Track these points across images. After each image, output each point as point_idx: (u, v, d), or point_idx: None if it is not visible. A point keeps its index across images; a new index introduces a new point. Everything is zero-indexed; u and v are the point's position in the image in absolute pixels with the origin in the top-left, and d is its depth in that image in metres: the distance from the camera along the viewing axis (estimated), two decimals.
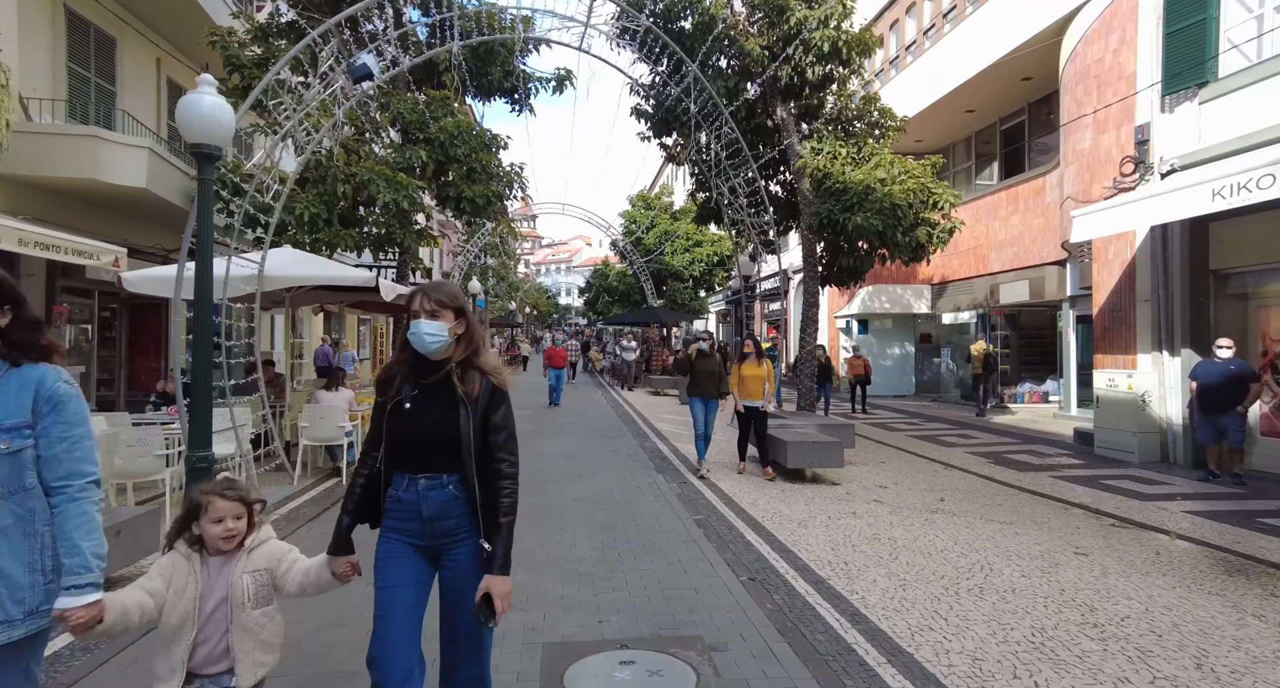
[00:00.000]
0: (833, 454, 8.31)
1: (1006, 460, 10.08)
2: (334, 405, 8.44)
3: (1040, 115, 15.83)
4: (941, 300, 19.80)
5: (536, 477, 8.59)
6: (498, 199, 11.75)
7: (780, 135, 12.99)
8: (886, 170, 10.92)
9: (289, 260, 8.71)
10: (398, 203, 10.33)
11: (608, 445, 11.18)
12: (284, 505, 7.10)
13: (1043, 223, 15.04)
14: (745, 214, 12.84)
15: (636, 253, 28.03)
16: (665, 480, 8.36)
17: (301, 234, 10.54)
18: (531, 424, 14.07)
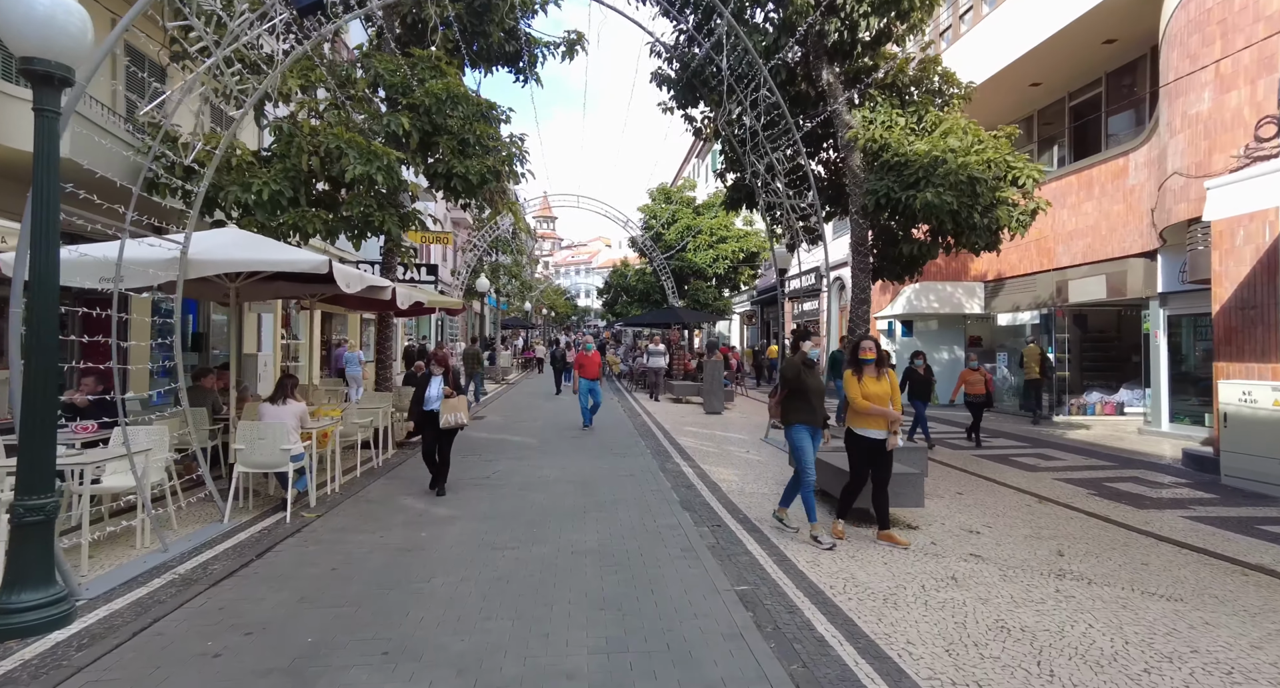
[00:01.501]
0: (910, 490, 6.47)
1: (1112, 491, 8.15)
2: (278, 422, 6.75)
3: (1120, 85, 13.83)
4: (997, 300, 17.79)
5: (529, 511, 6.83)
6: (494, 177, 10.04)
7: (824, 104, 11.15)
8: (959, 138, 9.05)
9: (228, 242, 7.05)
10: (372, 177, 8.65)
11: (622, 467, 9.40)
12: (192, 558, 5.39)
13: (1124, 209, 13.05)
14: (784, 196, 11.00)
15: (657, 249, 26.25)
16: (693, 521, 6.56)
17: (262, 215, 8.92)
18: (533, 435, 12.33)
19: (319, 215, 9.18)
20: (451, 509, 7.05)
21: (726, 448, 11.21)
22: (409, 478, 8.68)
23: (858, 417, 5.95)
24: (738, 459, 10.14)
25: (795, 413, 6.12)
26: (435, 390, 7.74)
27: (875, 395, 5.88)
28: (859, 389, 5.92)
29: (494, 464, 9.61)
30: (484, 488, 8.05)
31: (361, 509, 7.08)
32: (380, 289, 8.54)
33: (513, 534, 6.10)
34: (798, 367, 6.07)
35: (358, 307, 11.43)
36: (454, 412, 7.61)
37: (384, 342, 11.70)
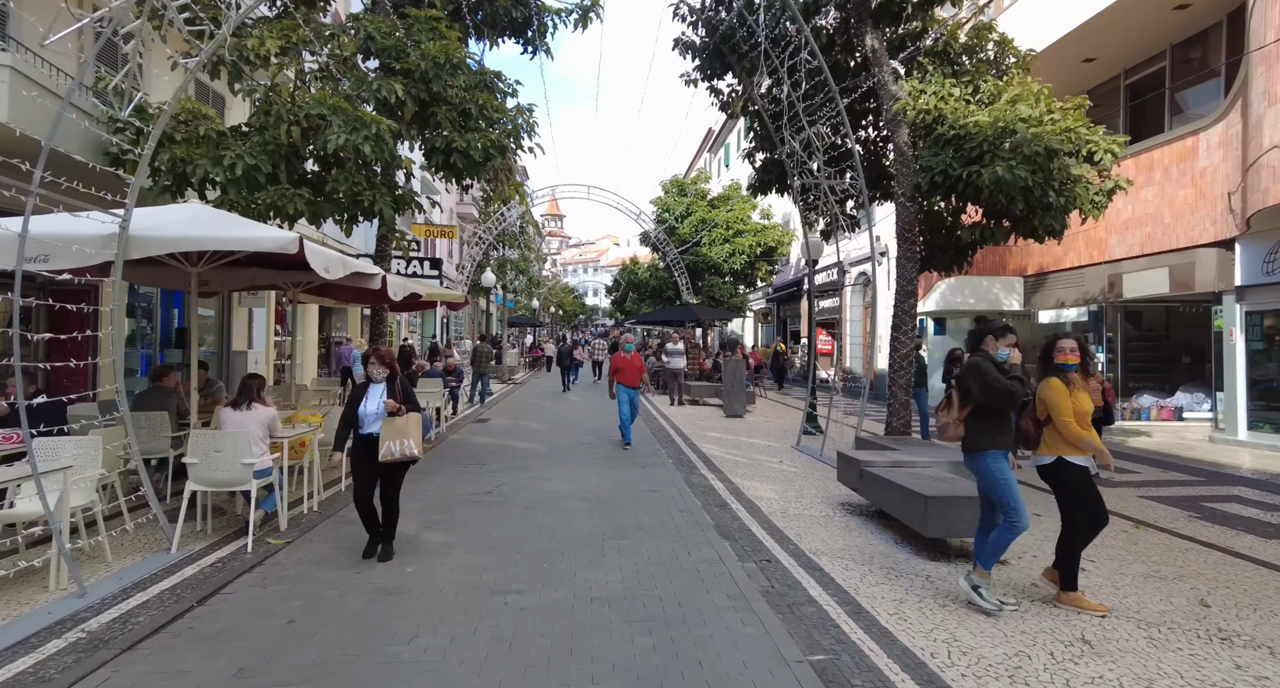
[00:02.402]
0: None
1: (1218, 514, 6.99)
2: (239, 431, 5.66)
3: (1187, 59, 12.61)
4: (1038, 295, 16.57)
5: (537, 539, 5.71)
6: (499, 152, 8.93)
7: (866, 75, 10.01)
8: (1032, 106, 7.89)
9: (184, 218, 5.98)
10: (358, 148, 7.56)
11: (642, 481, 8.29)
12: (115, 605, 4.29)
13: (1192, 194, 11.85)
14: (822, 176, 9.86)
15: (670, 243, 25.10)
16: (735, 555, 5.43)
17: (235, 193, 7.86)
18: (540, 441, 11.23)
19: (301, 194, 8.10)
20: (445, 535, 5.95)
21: (755, 457, 10.08)
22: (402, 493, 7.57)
23: (1066, 444, 4.35)
24: (771, 471, 9.01)
25: (991, 435, 4.37)
26: (374, 405, 5.29)
27: (1084, 414, 4.39)
28: (1069, 404, 4.33)
29: (497, 476, 8.51)
30: (484, 507, 6.95)
31: (340, 534, 5.99)
32: (367, 277, 7.45)
33: (517, 571, 4.99)
34: (996, 374, 4.32)
35: (349, 299, 10.36)
36: (400, 438, 5.16)
37: (377, 338, 10.61)
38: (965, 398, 4.46)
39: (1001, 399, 4.28)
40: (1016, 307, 17.22)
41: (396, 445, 5.17)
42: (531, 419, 14.63)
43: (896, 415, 10.02)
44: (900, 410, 10.00)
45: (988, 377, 4.30)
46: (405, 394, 5.38)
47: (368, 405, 5.32)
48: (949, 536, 5.38)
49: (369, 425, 5.31)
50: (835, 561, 5.32)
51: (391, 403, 5.23)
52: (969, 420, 4.48)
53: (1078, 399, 4.36)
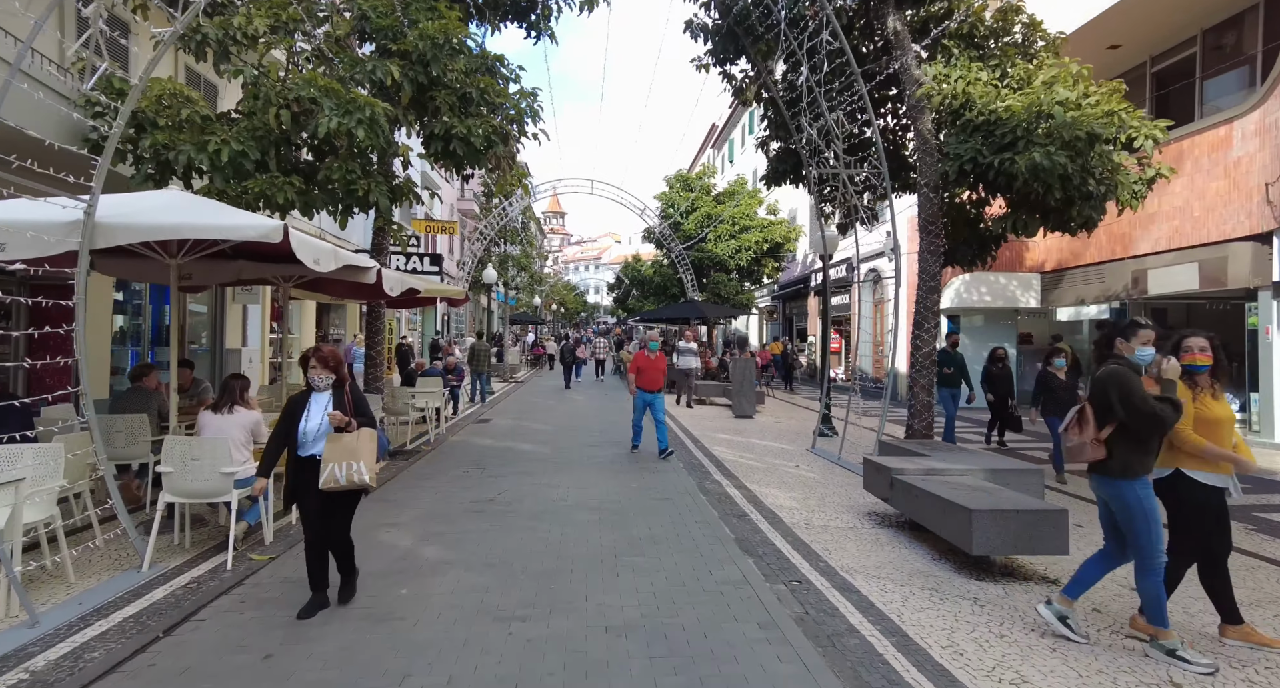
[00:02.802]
0: (1050, 532, 4.83)
1: (1274, 525, 6.50)
2: (218, 437, 5.18)
3: (1220, 44, 12.10)
4: (1056, 292, 16.08)
5: (544, 555, 5.22)
6: (501, 139, 8.44)
7: (887, 59, 9.51)
8: (1069, 88, 7.39)
9: (161, 205, 5.50)
10: (351, 133, 7.07)
11: (653, 486, 7.81)
12: (69, 636, 3.82)
13: (1225, 186, 11.35)
14: (841, 165, 9.35)
15: (676, 239, 24.59)
16: (761, 574, 4.95)
17: (221, 181, 7.38)
18: (545, 443, 10.75)
19: (292, 183, 7.61)
20: (443, 550, 5.47)
21: (770, 461, 9.60)
22: (398, 501, 7.12)
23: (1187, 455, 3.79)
24: (788, 477, 8.53)
25: (1137, 457, 3.67)
26: (316, 420, 4.22)
27: (1217, 422, 3.78)
28: (1191, 412, 3.75)
29: (499, 481, 8.04)
30: (486, 517, 6.47)
31: None
32: (361, 270, 6.98)
33: (522, 594, 4.51)
34: (1142, 391, 3.61)
35: (345, 294, 9.85)
36: (348, 460, 4.10)
37: (374, 335, 10.13)
38: (1103, 415, 3.76)
39: (1147, 424, 3.62)
40: (1033, 304, 16.74)
41: (342, 470, 4.08)
42: (534, 420, 14.15)
43: (918, 417, 9.52)
44: (922, 412, 9.50)
45: (1133, 396, 3.59)
46: (356, 405, 4.29)
47: (309, 420, 4.22)
48: (996, 553, 4.90)
49: (310, 445, 4.21)
50: (871, 580, 4.84)
51: (338, 416, 4.13)
52: (1115, 441, 3.73)
53: (1207, 406, 3.80)
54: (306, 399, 4.30)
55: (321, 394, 4.32)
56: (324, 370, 4.26)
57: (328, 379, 4.29)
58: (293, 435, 4.24)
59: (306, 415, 4.24)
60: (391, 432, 11.74)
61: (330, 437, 4.15)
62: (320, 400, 4.29)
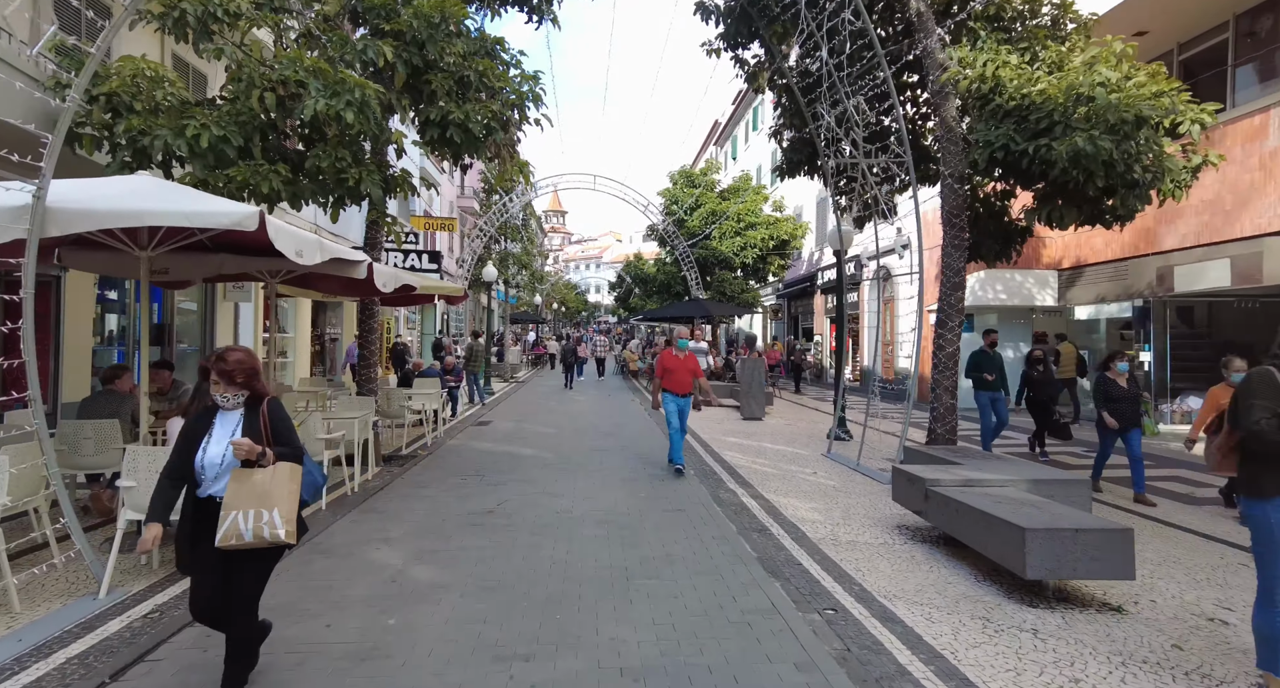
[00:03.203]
0: (1114, 553, 4.32)
1: None
2: None
3: (1254, 29, 11.57)
4: (1074, 290, 15.56)
5: (548, 577, 4.71)
6: (501, 126, 7.94)
7: (910, 42, 9.00)
8: (1113, 68, 6.88)
9: (125, 191, 4.98)
10: (340, 116, 6.57)
11: (664, 496, 7.31)
12: (20, 671, 3.32)
13: (1259, 177, 10.83)
14: (861, 154, 8.84)
15: (680, 236, 24.07)
16: (791, 600, 4.45)
17: (201, 169, 6.89)
18: (547, 447, 10.25)
19: (278, 171, 7.11)
20: (437, 570, 4.97)
21: (785, 467, 9.10)
22: (390, 513, 6.62)
23: None
24: (806, 485, 8.03)
25: (1268, 474, 3.19)
26: (218, 449, 3.11)
27: None
28: None
29: (499, 490, 7.54)
30: (485, 531, 5.96)
31: (313, 567, 5.02)
32: (350, 264, 6.48)
33: (525, 625, 4.00)
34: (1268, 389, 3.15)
35: (336, 291, 9.37)
36: (258, 506, 3.01)
37: (368, 334, 9.61)
38: (1235, 422, 3.28)
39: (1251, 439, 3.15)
40: (1050, 302, 16.22)
41: (248, 521, 2.95)
42: (536, 422, 13.65)
43: (941, 421, 9.03)
44: (945, 415, 9.02)
45: (1245, 404, 3.14)
46: (275, 431, 3.15)
47: (208, 449, 3.09)
48: (1052, 577, 4.39)
49: (209, 483, 3.10)
50: (914, 607, 4.33)
51: (245, 445, 2.98)
52: (1241, 453, 3.30)
53: None
54: (210, 420, 3.17)
55: (229, 414, 3.16)
56: (228, 386, 3.09)
57: (235, 397, 3.12)
58: (186, 470, 3.11)
59: (207, 443, 3.10)
60: (386, 435, 11.24)
61: (236, 474, 3.03)
62: (226, 423, 3.15)
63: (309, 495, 3.33)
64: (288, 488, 3.08)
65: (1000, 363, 9.64)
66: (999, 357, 9.71)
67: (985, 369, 9.41)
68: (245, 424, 3.14)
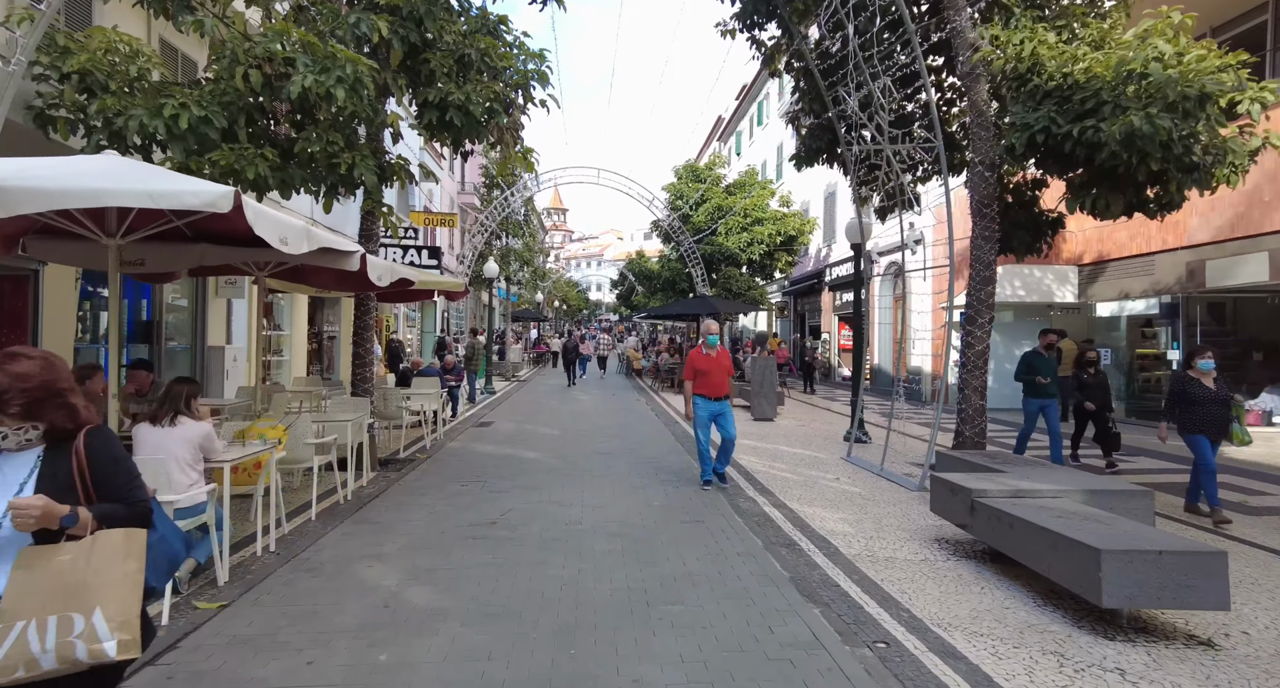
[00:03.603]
0: (1206, 580, 3.80)
1: None
2: (156, 458, 4.18)
3: None
4: (1096, 286, 15.05)
5: (557, 600, 4.18)
6: (503, 108, 7.43)
7: (936, 21, 8.48)
8: (1170, 42, 6.35)
9: (87, 170, 4.47)
10: (330, 94, 6.05)
11: (679, 506, 6.80)
12: None
13: None
14: (886, 140, 8.32)
15: (685, 231, 23.53)
16: (835, 631, 3.94)
17: (179, 152, 6.38)
18: (551, 450, 9.73)
19: (264, 155, 6.59)
20: (435, 593, 4.46)
21: (805, 472, 8.59)
22: (385, 524, 6.11)
23: None
24: (831, 492, 7.52)
25: None
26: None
27: None
28: None
29: (502, 498, 7.03)
30: (487, 546, 5.45)
31: (297, 588, 4.51)
32: (341, 255, 5.97)
33: (534, 662, 3.50)
34: None
35: (329, 285, 8.78)
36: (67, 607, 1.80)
37: (362, 331, 9.09)
38: None
39: None
40: (1070, 298, 15.72)
41: (47, 636, 1.78)
42: (539, 422, 13.15)
43: (969, 424, 8.50)
44: (974, 418, 8.48)
45: None
46: (97, 478, 2.00)
47: None
48: (1133, 606, 3.87)
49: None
50: (975, 640, 3.82)
51: (34, 508, 1.82)
52: None
53: None
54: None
55: (15, 458, 1.97)
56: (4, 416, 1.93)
57: (22, 433, 1.96)
58: None
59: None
60: (384, 437, 10.74)
61: (25, 556, 1.85)
62: (12, 472, 1.95)
63: (159, 578, 2.08)
64: (120, 570, 1.88)
65: (1055, 367, 8.86)
66: (1055, 360, 8.90)
67: (1040, 372, 8.65)
68: (43, 473, 1.95)
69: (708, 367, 7.57)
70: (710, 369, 7.56)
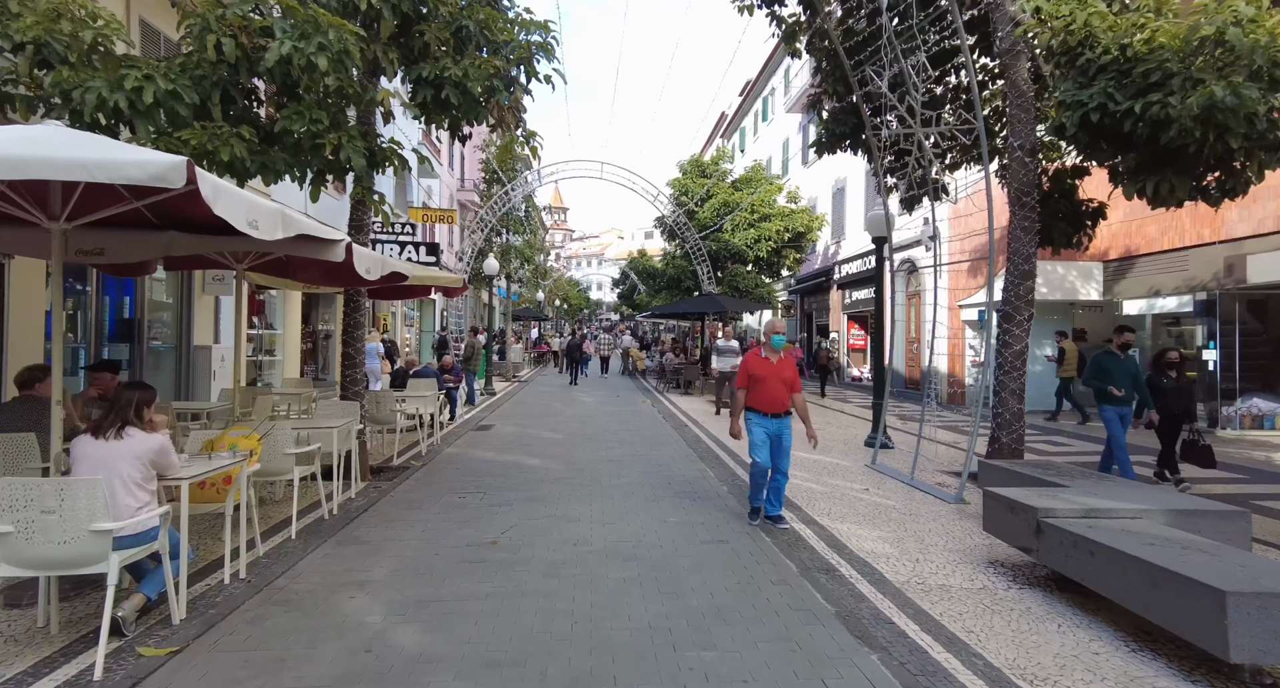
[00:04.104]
0: None
1: None
2: (95, 478, 3.54)
3: None
4: (1123, 283, 14.41)
5: (570, 646, 3.53)
6: (504, 85, 6.78)
7: None
8: (1251, 2, 5.70)
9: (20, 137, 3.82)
10: (312, 62, 5.42)
11: (698, 521, 6.16)
12: None
13: None
14: (918, 123, 7.68)
15: (691, 227, 22.88)
16: (892, 677, 3.30)
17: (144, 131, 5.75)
18: (555, 457, 9.09)
19: (240, 134, 5.95)
20: (427, 634, 3.82)
21: (831, 482, 7.95)
22: (373, 543, 5.48)
23: None
24: (862, 505, 6.88)
25: None
26: None
27: None
28: None
29: (503, 513, 6.39)
30: (485, 573, 4.81)
31: (265, 627, 3.87)
32: (323, 244, 5.34)
33: None
34: None
35: (317, 280, 8.14)
36: None
37: (353, 329, 8.44)
38: None
39: None
40: (1094, 296, 15.08)
41: None
42: (542, 426, 12.51)
43: (1006, 429, 7.87)
44: (1011, 423, 7.85)
45: None
46: None
47: None
48: (1265, 660, 3.23)
49: None
50: None
51: None
52: None
53: None
54: None
55: None
56: None
57: None
58: None
59: None
60: (376, 443, 10.12)
61: None
62: None
63: None
64: None
65: (1135, 369, 7.52)
66: (1133, 361, 7.63)
67: (1114, 378, 7.38)
68: None
69: (765, 373, 6.05)
70: (767, 376, 6.03)
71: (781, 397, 6.08)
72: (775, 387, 6.05)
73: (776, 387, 6.05)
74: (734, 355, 12.81)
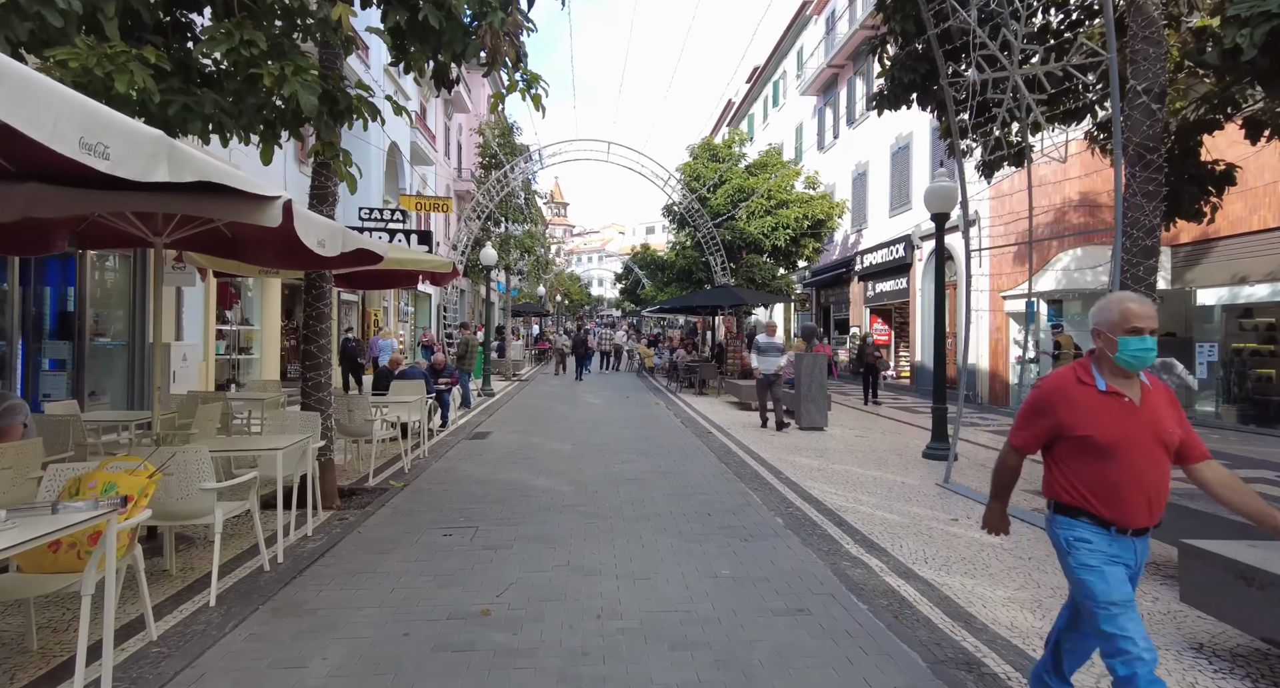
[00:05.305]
0: None
1: None
2: None
3: None
4: (1198, 269, 12.87)
5: None
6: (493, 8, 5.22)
7: None
8: None
9: None
10: None
11: (760, 576, 4.62)
12: None
13: None
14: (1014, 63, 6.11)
15: (704, 214, 21.30)
16: None
17: None
18: (562, 473, 7.51)
19: (143, 56, 4.39)
20: None
21: (905, 509, 6.42)
22: (321, 612, 3.94)
23: None
24: (958, 542, 5.35)
25: None
26: None
27: None
28: None
29: (500, 561, 4.85)
30: (474, 672, 3.27)
31: None
32: (246, 201, 3.84)
33: None
34: None
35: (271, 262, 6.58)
36: None
37: (314, 323, 6.87)
38: None
39: None
40: (1162, 285, 13.48)
41: None
42: (545, 433, 10.97)
43: None
44: None
45: None
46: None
47: None
48: None
49: None
50: None
51: None
52: None
53: None
54: None
55: None
56: None
57: None
58: None
59: None
60: (351, 456, 8.62)
61: None
62: None
63: None
64: None
65: None
66: None
67: None
68: None
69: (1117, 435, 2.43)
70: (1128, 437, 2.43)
71: (1161, 483, 2.47)
72: (1148, 463, 2.44)
73: (1150, 464, 2.45)
74: (778, 354, 11.19)
